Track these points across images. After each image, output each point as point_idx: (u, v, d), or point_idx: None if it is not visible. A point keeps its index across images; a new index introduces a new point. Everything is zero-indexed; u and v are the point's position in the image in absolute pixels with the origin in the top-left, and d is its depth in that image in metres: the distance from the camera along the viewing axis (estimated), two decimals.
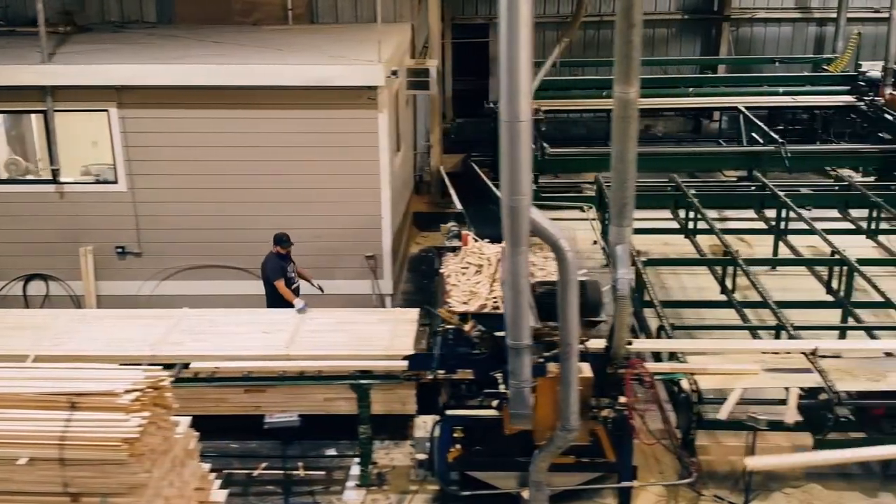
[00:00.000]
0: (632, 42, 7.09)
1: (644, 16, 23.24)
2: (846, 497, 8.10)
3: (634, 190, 7.73)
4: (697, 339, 10.13)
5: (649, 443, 7.95)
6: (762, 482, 8.34)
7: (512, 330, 6.70)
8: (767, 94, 18.42)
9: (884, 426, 7.92)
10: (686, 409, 7.93)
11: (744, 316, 10.28)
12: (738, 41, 22.41)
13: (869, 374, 7.83)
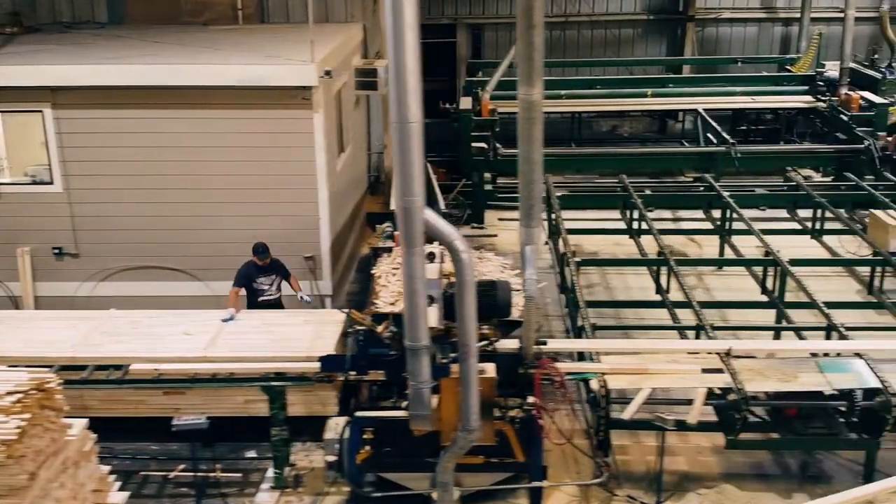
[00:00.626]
0: (533, 44, 7.06)
1: (609, 16, 23.42)
2: (760, 498, 8.10)
3: (542, 191, 7.76)
4: (628, 338, 10.20)
5: (559, 443, 7.96)
6: (679, 482, 8.36)
7: (409, 331, 6.69)
8: (726, 95, 18.44)
9: (796, 427, 7.92)
10: (595, 410, 7.91)
11: (675, 316, 10.28)
12: (704, 41, 22.43)
13: (780, 375, 7.82)
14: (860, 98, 16.28)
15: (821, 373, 7.84)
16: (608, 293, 13.06)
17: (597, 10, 22.34)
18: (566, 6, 22.38)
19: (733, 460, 8.62)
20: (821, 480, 8.34)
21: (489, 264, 10.69)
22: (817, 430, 7.89)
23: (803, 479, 8.39)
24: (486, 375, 7.23)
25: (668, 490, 8.19)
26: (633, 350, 8.39)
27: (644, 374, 7.86)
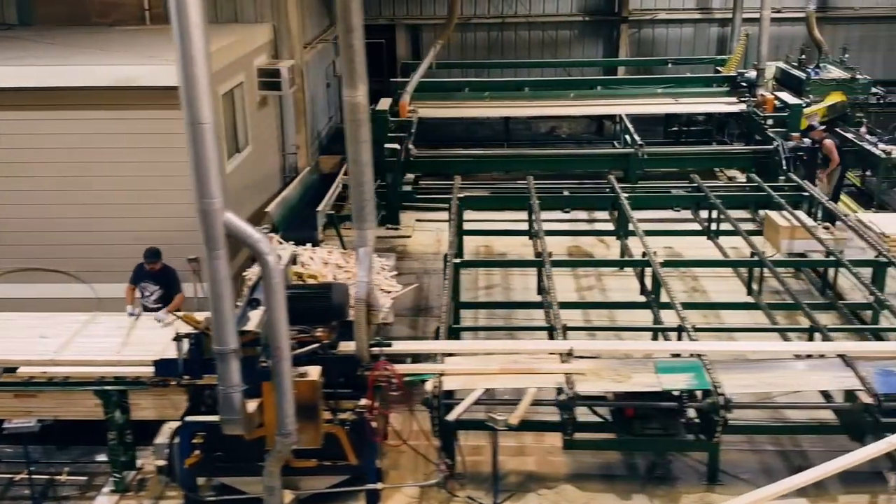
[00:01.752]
0: (352, 46, 7.04)
1: (545, 17, 23.49)
2: (599, 498, 8.10)
3: (373, 192, 7.75)
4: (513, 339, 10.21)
5: (395, 444, 7.94)
6: (523, 482, 8.35)
7: (216, 335, 6.66)
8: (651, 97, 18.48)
9: (635, 427, 7.93)
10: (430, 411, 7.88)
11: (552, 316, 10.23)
12: (641, 42, 22.52)
13: (614, 376, 7.82)
14: (775, 99, 16.33)
15: (655, 374, 7.85)
16: (505, 294, 13.06)
17: (533, 11, 22.43)
18: (503, 7, 22.46)
19: (583, 461, 8.62)
20: (665, 481, 8.34)
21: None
22: (654, 431, 7.91)
23: (648, 479, 8.38)
24: (308, 378, 7.19)
25: (511, 490, 8.19)
26: (471, 351, 8.37)
27: (480, 375, 7.85)
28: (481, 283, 13.48)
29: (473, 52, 22.81)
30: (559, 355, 8.15)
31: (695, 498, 8.08)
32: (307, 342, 7.63)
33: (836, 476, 7.66)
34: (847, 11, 22.16)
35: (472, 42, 22.83)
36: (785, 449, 8.87)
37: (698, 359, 8.04)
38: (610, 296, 12.75)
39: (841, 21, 22.28)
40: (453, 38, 22.71)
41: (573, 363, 8.06)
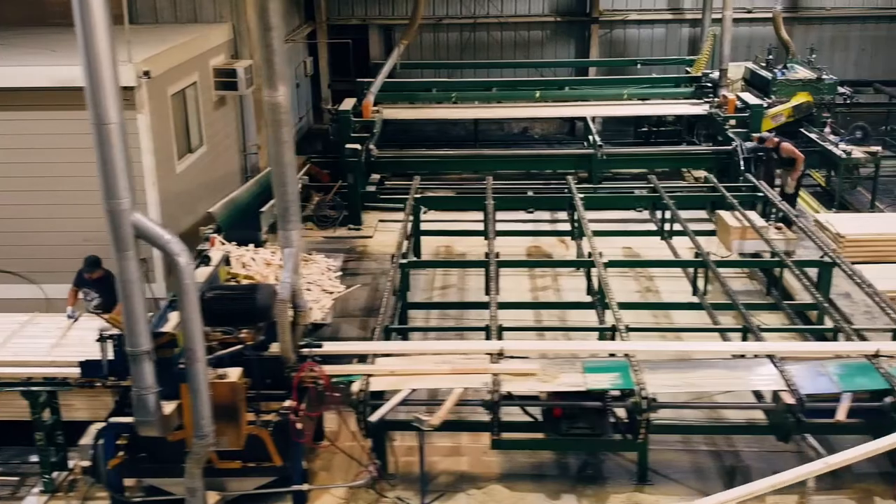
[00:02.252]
0: (271, 45, 7.04)
1: (517, 18, 23.55)
2: (528, 498, 8.08)
3: (297, 193, 7.74)
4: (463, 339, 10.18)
5: (325, 446, 7.92)
6: (454, 482, 8.34)
7: (128, 336, 6.65)
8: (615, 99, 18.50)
9: (562, 427, 7.92)
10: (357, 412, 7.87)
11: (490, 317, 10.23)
12: (613, 43, 22.53)
13: (542, 376, 7.82)
14: (736, 100, 16.36)
15: (582, 373, 7.84)
16: (460, 294, 13.03)
17: (505, 11, 22.42)
18: (475, 8, 22.45)
19: (517, 461, 8.60)
20: (595, 481, 8.33)
21: (313, 266, 10.69)
22: (581, 431, 7.90)
23: (578, 479, 8.37)
24: (227, 380, 7.18)
25: (440, 490, 8.18)
26: (404, 351, 8.36)
27: (407, 376, 7.84)
28: (438, 283, 13.47)
29: (446, 52, 22.79)
30: (490, 356, 8.16)
31: (622, 498, 8.07)
32: (231, 343, 7.62)
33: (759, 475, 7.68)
34: (819, 12, 22.19)
35: (444, 42, 22.81)
36: (719, 449, 8.86)
37: (627, 359, 8.05)
38: (563, 296, 12.74)
39: (813, 21, 22.32)
40: (426, 39, 22.89)
41: (503, 363, 8.06)
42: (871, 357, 8.06)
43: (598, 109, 17.70)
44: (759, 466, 8.48)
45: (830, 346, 9.05)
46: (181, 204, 12.24)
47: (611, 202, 14.00)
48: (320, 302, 9.76)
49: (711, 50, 19.70)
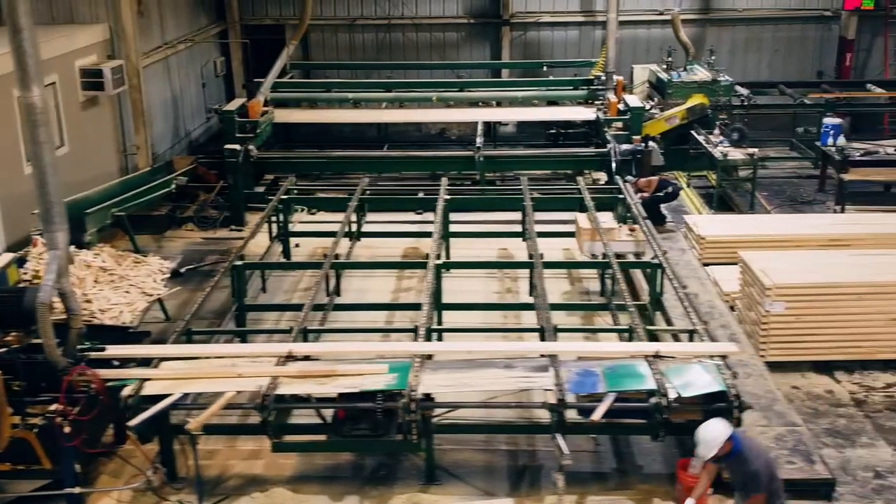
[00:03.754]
0: (22, 47, 7.01)
1: (432, 19, 23.45)
2: (310, 500, 8.10)
3: (60, 193, 7.70)
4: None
5: (94, 451, 7.91)
6: (242, 485, 8.33)
7: None
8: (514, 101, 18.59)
9: (345, 428, 7.93)
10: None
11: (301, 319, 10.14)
12: (527, 45, 22.58)
13: (318, 378, 7.84)
14: (619, 102, 16.44)
15: (360, 376, 7.86)
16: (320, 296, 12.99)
17: (419, 13, 22.45)
18: (389, 9, 22.45)
19: (315, 463, 8.61)
20: (386, 481, 8.35)
21: (144, 268, 10.66)
22: (363, 432, 7.91)
23: (370, 480, 8.39)
24: None
25: (224, 494, 8.18)
26: (192, 354, 8.35)
27: (182, 380, 7.83)
28: (304, 284, 13.45)
29: (362, 53, 22.78)
30: (278, 358, 8.17)
31: (404, 498, 8.10)
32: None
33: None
34: (731, 13, 22.29)
35: (360, 43, 22.80)
36: (518, 448, 8.89)
37: (413, 360, 8.09)
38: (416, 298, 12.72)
39: (726, 23, 22.42)
40: (342, 39, 22.89)
41: (289, 366, 8.08)
42: (651, 357, 8.12)
43: (490, 113, 17.75)
44: (552, 465, 8.53)
45: (616, 346, 9.11)
46: (33, 205, 12.15)
47: (474, 203, 14.03)
48: (133, 305, 9.73)
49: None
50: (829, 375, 10.27)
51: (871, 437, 9.02)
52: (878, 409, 9.56)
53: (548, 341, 8.80)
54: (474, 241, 13.90)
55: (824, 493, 8.00)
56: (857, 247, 12.44)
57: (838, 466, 8.50)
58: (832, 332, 10.29)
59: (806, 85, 20.45)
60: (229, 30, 22.15)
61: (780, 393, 9.50)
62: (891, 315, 10.21)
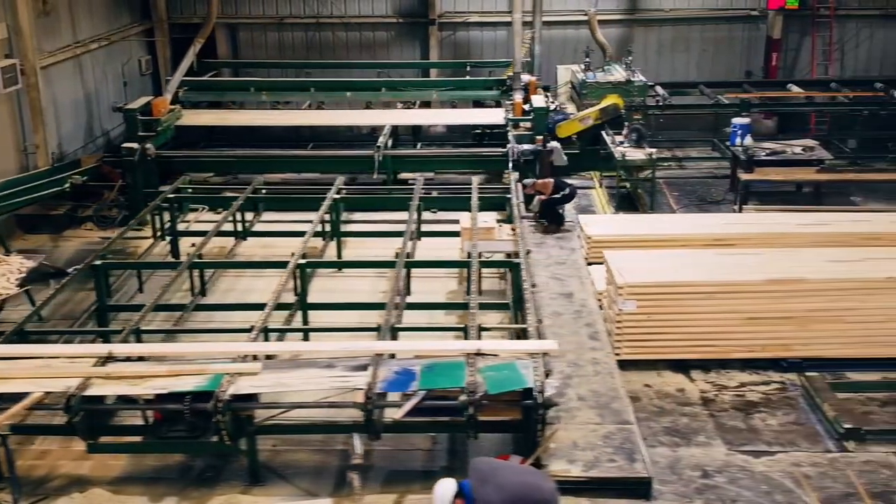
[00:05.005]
0: None
1: (361, 19, 23.47)
2: (128, 501, 8.07)
3: None
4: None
5: None
6: (66, 485, 8.29)
7: None
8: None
9: (161, 430, 7.90)
10: None
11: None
12: (457, 45, 22.56)
13: (131, 379, 7.81)
14: (523, 103, 16.48)
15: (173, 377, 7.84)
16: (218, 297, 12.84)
17: (348, 12, 22.40)
18: (318, 8, 22.40)
19: (143, 464, 8.57)
20: (210, 482, 8.32)
21: (4, 267, 10.60)
22: (180, 434, 7.88)
23: (195, 481, 8.36)
24: None
25: (45, 493, 8.14)
26: (13, 355, 8.31)
27: None
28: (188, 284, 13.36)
29: (292, 52, 22.71)
30: (97, 359, 8.13)
31: (223, 499, 8.07)
32: None
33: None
34: (658, 13, 22.32)
35: (289, 42, 22.74)
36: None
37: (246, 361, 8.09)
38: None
39: (653, 23, 22.44)
40: (271, 38, 22.80)
41: (109, 367, 8.04)
42: (472, 355, 8.12)
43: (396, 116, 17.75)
44: (383, 465, 8.55)
45: (442, 345, 9.09)
46: None
47: (365, 203, 14.02)
48: None
49: (529, 53, 19.80)
50: (685, 374, 10.31)
51: (708, 437, 9.06)
52: (723, 409, 9.60)
53: (384, 340, 8.80)
54: (378, 241, 13.78)
55: (642, 493, 8.02)
56: (743, 246, 12.49)
57: (667, 465, 8.55)
58: (685, 332, 10.33)
59: (731, 85, 20.55)
60: (155, 28, 22.02)
61: (625, 391, 9.53)
62: (744, 314, 10.26)
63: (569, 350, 10.43)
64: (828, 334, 10.26)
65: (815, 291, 10.21)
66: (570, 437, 8.59)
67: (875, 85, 19.41)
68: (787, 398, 9.75)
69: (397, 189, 14.68)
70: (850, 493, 8.11)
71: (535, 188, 14.22)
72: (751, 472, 8.41)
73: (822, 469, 8.46)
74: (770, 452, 8.74)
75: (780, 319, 10.23)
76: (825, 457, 8.66)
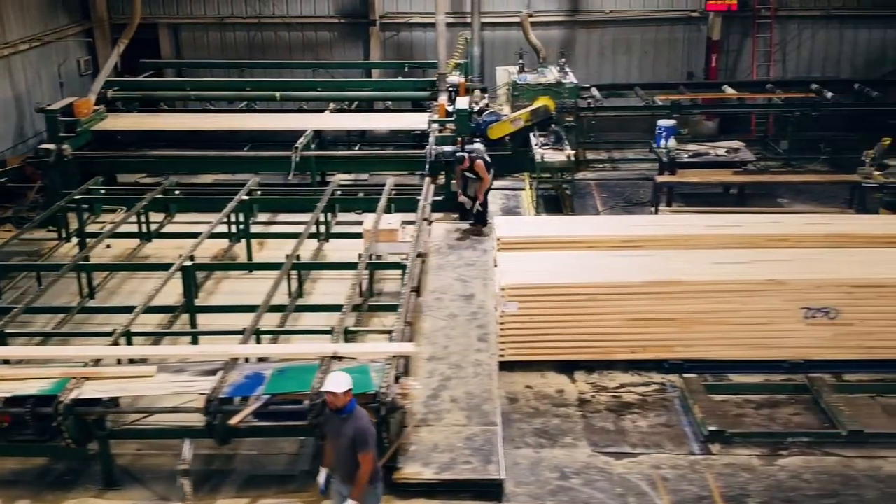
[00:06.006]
0: None
1: (303, 19, 23.31)
2: None
3: None
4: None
5: None
6: None
7: None
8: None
9: (12, 433, 7.86)
10: None
11: None
12: (400, 46, 22.55)
13: None
14: (447, 104, 16.47)
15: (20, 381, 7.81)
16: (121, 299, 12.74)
17: (290, 12, 22.36)
18: (260, 7, 22.35)
19: (6, 467, 8.53)
20: (66, 486, 8.28)
21: None
22: (27, 437, 7.85)
23: (51, 484, 8.31)
24: None
25: None
26: None
27: None
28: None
29: (235, 52, 22.65)
30: None
31: (75, 503, 8.04)
32: None
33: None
34: (599, 15, 22.34)
35: (232, 42, 22.70)
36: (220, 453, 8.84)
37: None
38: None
39: (595, 25, 22.46)
40: (213, 38, 22.74)
41: None
42: (328, 358, 8.10)
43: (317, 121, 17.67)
44: (245, 469, 8.52)
45: (301, 347, 9.09)
46: None
47: (275, 204, 13.99)
48: None
49: (465, 54, 19.80)
50: (569, 375, 10.32)
51: (575, 438, 9.07)
52: (597, 410, 9.61)
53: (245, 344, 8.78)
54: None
55: (494, 494, 8.03)
56: (650, 247, 12.45)
57: (528, 466, 8.56)
58: (569, 333, 10.33)
59: (667, 87, 20.58)
60: (95, 28, 21.95)
61: (502, 393, 9.56)
62: (626, 315, 10.28)
63: (455, 352, 10.47)
64: (710, 336, 10.28)
65: (696, 293, 10.22)
66: (433, 439, 8.61)
67: (811, 86, 19.52)
68: (663, 400, 9.77)
69: (306, 190, 14.62)
70: (704, 497, 8.13)
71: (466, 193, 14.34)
72: (609, 474, 8.43)
73: (682, 472, 8.48)
74: (633, 454, 8.76)
75: (662, 321, 10.25)
76: (687, 459, 8.68)
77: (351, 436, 6.77)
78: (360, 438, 6.74)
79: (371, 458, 6.83)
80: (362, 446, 6.75)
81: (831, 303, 10.14)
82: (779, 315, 10.18)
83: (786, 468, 8.52)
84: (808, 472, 8.47)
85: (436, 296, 12.10)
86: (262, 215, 15.26)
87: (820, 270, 10.45)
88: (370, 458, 6.82)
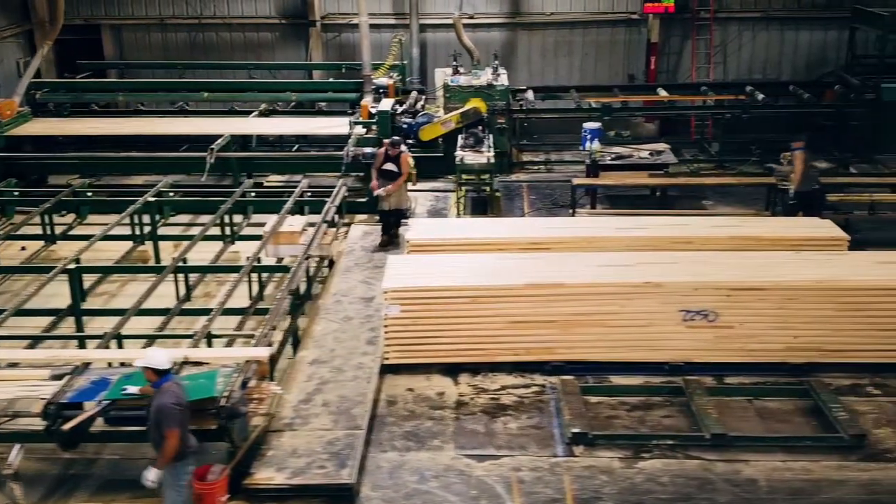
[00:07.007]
0: None
1: (244, 19, 23.26)
2: None
3: None
4: None
5: None
6: None
7: None
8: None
9: None
10: None
11: None
12: (342, 47, 22.55)
13: None
14: (369, 106, 16.51)
15: None
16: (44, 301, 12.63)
17: (231, 12, 22.34)
18: (200, 8, 22.32)
19: None
20: None
21: None
22: None
23: None
24: None
25: None
26: None
27: None
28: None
29: (176, 52, 22.60)
30: None
31: None
32: None
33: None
34: (540, 17, 22.39)
35: (173, 43, 22.66)
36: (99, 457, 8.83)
37: None
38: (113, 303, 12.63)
39: (536, 27, 22.51)
40: (154, 39, 22.68)
41: None
42: (181, 364, 8.12)
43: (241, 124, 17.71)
44: (103, 473, 8.51)
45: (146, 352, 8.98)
46: None
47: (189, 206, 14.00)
48: None
49: (399, 56, 19.83)
50: (453, 378, 10.34)
51: (443, 441, 9.08)
52: (472, 412, 9.63)
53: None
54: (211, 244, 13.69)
55: (346, 499, 8.05)
56: (556, 250, 12.50)
57: (389, 470, 8.57)
58: (453, 336, 10.35)
59: (603, 89, 20.66)
60: (35, 30, 21.87)
61: (378, 396, 9.58)
62: (508, 318, 10.31)
63: (340, 355, 10.49)
64: (591, 338, 10.33)
65: (576, 295, 10.27)
66: (294, 444, 8.62)
67: (746, 88, 19.61)
68: (539, 402, 9.80)
69: (219, 192, 14.61)
70: (557, 499, 8.17)
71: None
72: (468, 477, 8.46)
73: (540, 474, 8.52)
74: (496, 456, 8.79)
75: (544, 323, 10.29)
76: (549, 461, 8.72)
77: (154, 412, 7.11)
78: (160, 415, 7.09)
79: (175, 434, 7.11)
80: (164, 422, 7.07)
81: (709, 305, 10.21)
82: (657, 317, 10.23)
83: (644, 471, 8.57)
84: (667, 475, 8.52)
85: (336, 298, 12.11)
86: (184, 217, 15.30)
87: (700, 273, 10.51)
88: (174, 434, 7.10)
